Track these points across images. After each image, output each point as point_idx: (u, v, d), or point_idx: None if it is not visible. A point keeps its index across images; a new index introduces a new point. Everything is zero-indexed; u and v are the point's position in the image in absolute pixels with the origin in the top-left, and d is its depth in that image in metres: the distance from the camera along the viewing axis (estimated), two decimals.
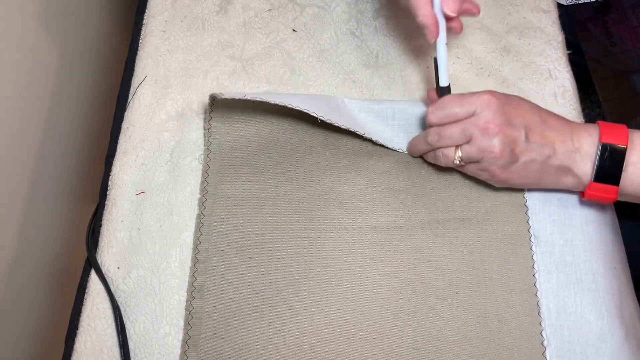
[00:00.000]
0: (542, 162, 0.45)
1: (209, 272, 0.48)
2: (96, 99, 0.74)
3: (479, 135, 0.45)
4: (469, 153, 0.46)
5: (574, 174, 0.46)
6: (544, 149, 0.45)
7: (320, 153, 0.52)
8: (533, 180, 0.47)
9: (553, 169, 0.46)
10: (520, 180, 0.47)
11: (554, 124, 0.46)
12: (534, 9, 0.60)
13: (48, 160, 0.62)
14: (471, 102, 0.46)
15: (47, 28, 0.61)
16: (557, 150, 0.45)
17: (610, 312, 0.47)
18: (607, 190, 0.45)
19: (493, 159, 0.45)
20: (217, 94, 0.49)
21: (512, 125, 0.45)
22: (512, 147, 0.45)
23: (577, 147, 0.45)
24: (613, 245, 0.50)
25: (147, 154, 0.53)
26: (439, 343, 0.46)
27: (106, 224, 0.51)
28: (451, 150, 0.47)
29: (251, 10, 0.61)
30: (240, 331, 0.46)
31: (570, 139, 0.45)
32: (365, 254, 0.48)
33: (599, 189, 0.45)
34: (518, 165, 0.45)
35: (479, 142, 0.45)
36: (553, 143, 0.45)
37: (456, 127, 0.46)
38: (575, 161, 0.45)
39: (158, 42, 0.59)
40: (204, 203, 0.50)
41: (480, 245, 0.49)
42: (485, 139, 0.45)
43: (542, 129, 0.45)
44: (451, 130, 0.46)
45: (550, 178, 0.47)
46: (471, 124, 0.45)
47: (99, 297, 0.48)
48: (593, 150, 0.45)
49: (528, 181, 0.47)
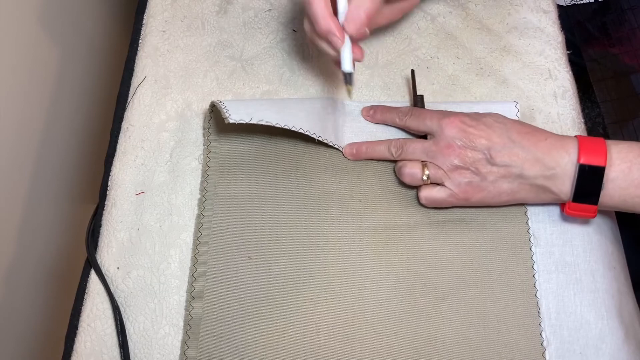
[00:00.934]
0: (512, 181, 0.46)
1: (209, 272, 0.48)
2: (96, 99, 0.74)
3: (441, 156, 0.47)
4: (435, 172, 0.47)
5: (552, 192, 0.46)
6: (512, 169, 0.45)
7: (320, 153, 0.52)
8: (508, 197, 0.47)
9: (527, 187, 0.46)
10: (495, 199, 0.47)
11: (525, 144, 0.45)
12: (534, 9, 0.60)
13: (48, 161, 0.62)
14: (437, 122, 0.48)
15: (47, 28, 0.61)
16: (527, 169, 0.45)
17: (609, 312, 0.47)
18: (586, 209, 0.45)
19: (456, 178, 0.46)
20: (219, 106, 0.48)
21: (474, 147, 0.46)
22: (475, 167, 0.46)
23: (552, 166, 0.45)
24: (612, 245, 0.50)
25: (146, 154, 0.53)
26: (438, 343, 0.46)
27: (106, 224, 0.51)
28: (417, 169, 0.48)
29: (251, 10, 0.61)
30: (240, 331, 0.46)
31: (544, 158, 0.45)
32: (365, 255, 0.49)
33: (578, 208, 0.45)
34: (487, 185, 0.46)
35: (440, 163, 0.47)
36: (523, 162, 0.45)
37: (419, 144, 0.48)
38: (551, 180, 0.45)
39: (158, 42, 0.59)
40: (203, 203, 0.50)
41: (480, 245, 0.49)
42: (446, 161, 0.46)
43: (509, 149, 0.45)
44: (414, 146, 0.49)
45: (527, 194, 0.47)
46: (433, 144, 0.48)
47: (98, 297, 0.48)
48: (572, 169, 0.44)
49: (503, 199, 0.47)
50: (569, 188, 0.45)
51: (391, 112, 0.52)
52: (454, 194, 0.47)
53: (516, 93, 0.56)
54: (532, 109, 0.55)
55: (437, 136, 0.47)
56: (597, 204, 0.45)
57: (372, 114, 0.53)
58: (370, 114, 0.53)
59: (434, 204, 0.49)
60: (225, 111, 0.47)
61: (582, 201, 0.45)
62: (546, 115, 0.55)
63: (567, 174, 0.45)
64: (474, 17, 0.60)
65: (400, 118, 0.51)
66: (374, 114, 0.53)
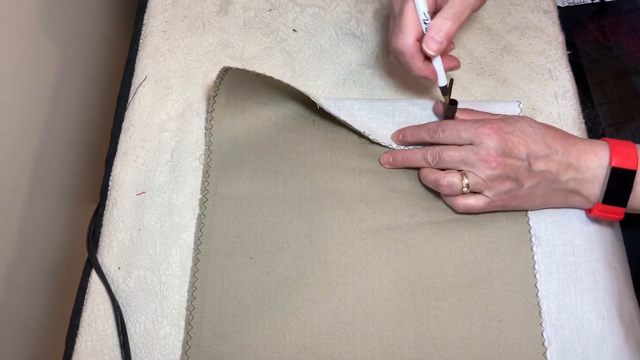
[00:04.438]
0: (546, 186, 0.46)
1: (210, 272, 0.48)
2: (96, 99, 0.74)
3: (480, 165, 0.45)
4: (475, 181, 0.46)
5: (582, 195, 0.47)
6: (547, 175, 0.46)
7: (321, 153, 0.52)
8: (540, 202, 0.48)
9: (560, 192, 0.47)
10: (528, 205, 0.48)
11: (559, 149, 0.46)
12: (535, 9, 0.60)
13: (48, 161, 0.62)
14: (474, 132, 0.46)
15: (47, 28, 0.61)
16: (561, 174, 0.46)
17: (610, 312, 0.47)
18: (614, 211, 0.46)
19: (496, 187, 0.46)
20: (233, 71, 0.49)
21: (514, 155, 0.45)
22: (515, 175, 0.45)
23: (583, 170, 0.45)
24: (613, 245, 0.50)
25: (147, 154, 0.53)
26: (439, 343, 0.46)
27: (107, 224, 0.51)
28: (457, 179, 0.46)
29: (251, 10, 0.61)
30: (241, 331, 0.46)
31: (576, 163, 0.46)
32: (366, 254, 0.49)
33: (606, 210, 0.46)
34: (524, 191, 0.46)
35: (480, 173, 0.46)
36: (558, 168, 0.46)
37: (456, 152, 0.47)
38: (582, 184, 0.46)
39: (158, 42, 0.59)
40: (204, 203, 0.50)
41: (481, 245, 0.49)
42: (487, 171, 0.45)
43: (546, 156, 0.46)
44: (451, 154, 0.47)
45: (558, 199, 0.48)
46: (472, 152, 0.46)
47: (99, 297, 0.48)
48: (602, 173, 0.45)
49: (536, 204, 0.48)
50: (599, 191, 0.46)
51: (420, 131, 0.50)
52: (492, 202, 0.47)
53: (517, 93, 0.56)
54: (533, 108, 0.55)
55: (475, 145, 0.46)
56: (625, 207, 0.45)
57: (402, 138, 0.52)
58: (400, 138, 0.52)
59: (470, 211, 0.48)
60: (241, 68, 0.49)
61: (611, 203, 0.46)
62: (547, 115, 0.55)
63: (597, 177, 0.45)
64: (474, 17, 0.60)
65: (431, 136, 0.49)
66: (404, 137, 0.51)
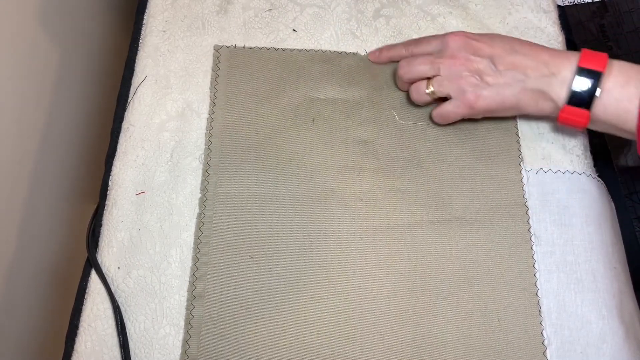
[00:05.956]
0: (514, 86, 0.47)
1: (210, 272, 0.48)
2: (96, 99, 0.73)
3: (446, 67, 0.49)
4: (440, 84, 0.50)
5: (551, 98, 0.47)
6: (515, 74, 0.47)
7: (321, 152, 0.52)
8: (511, 104, 0.49)
9: (530, 93, 0.48)
10: (499, 106, 0.49)
11: (527, 51, 0.48)
12: (534, 9, 0.60)
13: (48, 160, 0.62)
14: (440, 40, 0.51)
15: (47, 28, 0.61)
16: (529, 75, 0.47)
17: (610, 312, 0.47)
18: (579, 114, 0.46)
19: (463, 86, 0.48)
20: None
21: (477, 54, 0.48)
22: (479, 74, 0.48)
23: (553, 72, 0.46)
24: (613, 245, 0.50)
25: (147, 154, 0.53)
26: (439, 342, 0.46)
27: (106, 224, 0.51)
28: (422, 84, 0.51)
29: (251, 10, 0.61)
30: (241, 330, 0.46)
31: (545, 64, 0.47)
32: (366, 253, 0.49)
33: (571, 112, 0.46)
34: (492, 91, 0.48)
35: (446, 72, 0.49)
36: (525, 69, 0.47)
37: (424, 59, 0.51)
38: (551, 85, 0.47)
39: (158, 42, 0.59)
40: (204, 202, 0.50)
41: (481, 244, 0.49)
42: (452, 70, 0.49)
43: (512, 57, 0.47)
44: (419, 61, 0.51)
45: (528, 102, 0.48)
46: (438, 56, 0.50)
47: (99, 297, 0.48)
48: (570, 75, 0.46)
49: (507, 106, 0.49)
50: (565, 93, 0.46)
51: (396, 47, 0.55)
52: (459, 104, 0.49)
53: None
54: None
55: (442, 49, 0.50)
56: (590, 110, 0.45)
57: (378, 54, 0.56)
58: (376, 55, 0.57)
59: (443, 118, 0.52)
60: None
61: (576, 105, 0.46)
62: None
63: (566, 79, 0.46)
64: (474, 17, 0.60)
65: (406, 49, 0.54)
66: (380, 53, 0.56)
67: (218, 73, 0.56)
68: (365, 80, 0.56)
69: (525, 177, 0.52)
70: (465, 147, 0.53)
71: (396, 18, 0.60)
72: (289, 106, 0.54)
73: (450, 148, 0.53)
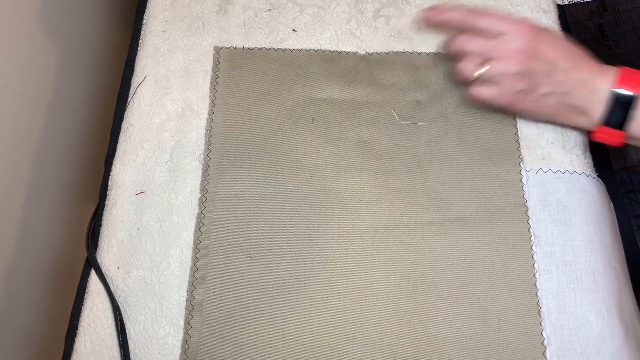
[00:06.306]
0: (558, 98, 0.48)
1: (209, 272, 0.48)
2: (96, 99, 0.73)
3: (502, 62, 0.48)
4: (491, 75, 0.48)
5: (589, 115, 0.48)
6: (563, 87, 0.47)
7: (321, 152, 0.52)
8: (548, 113, 0.49)
9: (569, 107, 0.48)
10: (536, 112, 0.49)
11: (585, 66, 0.47)
12: (534, 9, 0.60)
13: (48, 160, 0.62)
14: (507, 26, 0.48)
15: (47, 28, 0.61)
16: (575, 90, 0.47)
17: (610, 312, 0.47)
18: (614, 134, 0.47)
19: (510, 84, 0.47)
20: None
21: (539, 58, 0.47)
22: (533, 77, 0.47)
23: (593, 90, 0.47)
24: (613, 245, 0.50)
25: (147, 153, 0.53)
26: (439, 342, 0.46)
27: (106, 224, 0.51)
28: (472, 65, 0.49)
29: (251, 10, 0.61)
30: (241, 331, 0.46)
31: (592, 82, 0.47)
32: (365, 254, 0.49)
33: (606, 132, 0.47)
34: (535, 96, 0.48)
35: (501, 66, 0.47)
36: (574, 83, 0.47)
37: (485, 43, 0.49)
38: (591, 103, 0.47)
39: (158, 42, 0.59)
40: (204, 203, 0.50)
41: (481, 244, 0.49)
42: (508, 65, 0.47)
43: (569, 69, 0.47)
44: (479, 43, 0.49)
45: (565, 115, 0.49)
46: (500, 44, 0.48)
47: (98, 297, 0.48)
48: (607, 95, 0.46)
49: (543, 113, 0.49)
50: (602, 113, 0.47)
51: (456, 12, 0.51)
52: (502, 98, 0.49)
53: None
54: None
55: (504, 38, 0.48)
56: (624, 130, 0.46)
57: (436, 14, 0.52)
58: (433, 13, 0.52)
59: (478, 102, 0.51)
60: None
61: (611, 125, 0.47)
62: None
63: (602, 100, 0.46)
64: None
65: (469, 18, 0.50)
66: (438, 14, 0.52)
67: (218, 73, 0.56)
68: (365, 80, 0.56)
69: (524, 177, 0.52)
70: (465, 148, 0.53)
71: (396, 18, 0.60)
72: (288, 106, 0.54)
73: (449, 148, 0.53)
